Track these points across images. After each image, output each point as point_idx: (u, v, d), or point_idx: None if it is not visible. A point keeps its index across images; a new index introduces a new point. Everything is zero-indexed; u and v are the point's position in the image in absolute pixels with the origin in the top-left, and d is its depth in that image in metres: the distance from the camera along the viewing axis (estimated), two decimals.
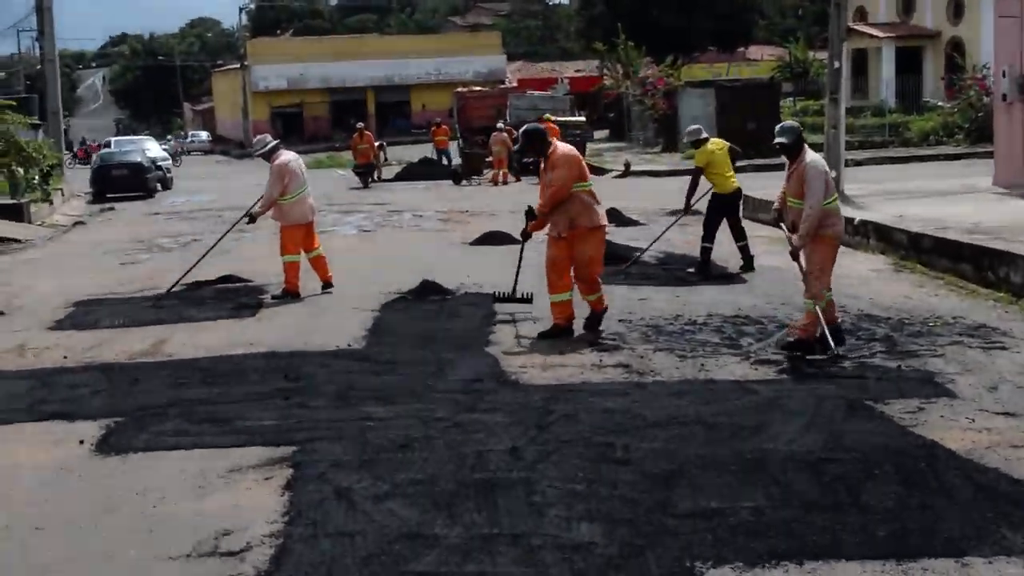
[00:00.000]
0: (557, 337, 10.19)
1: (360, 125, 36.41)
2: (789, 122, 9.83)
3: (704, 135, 14.38)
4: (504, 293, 11.54)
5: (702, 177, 14.18)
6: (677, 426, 7.29)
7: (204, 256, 14.41)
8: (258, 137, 14.08)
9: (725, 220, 14.18)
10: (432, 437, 7.20)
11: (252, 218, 13.50)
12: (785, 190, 9.65)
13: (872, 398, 7.89)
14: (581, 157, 10.54)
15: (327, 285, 13.46)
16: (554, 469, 6.49)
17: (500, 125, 33.93)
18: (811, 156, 9.41)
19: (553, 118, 34.28)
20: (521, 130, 10.86)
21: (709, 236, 13.99)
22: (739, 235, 14.26)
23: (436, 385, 8.62)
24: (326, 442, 7.18)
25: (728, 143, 14.55)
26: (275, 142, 13.63)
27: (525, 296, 11.34)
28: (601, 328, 10.46)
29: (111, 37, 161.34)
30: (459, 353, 9.71)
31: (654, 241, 15.20)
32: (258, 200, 13.48)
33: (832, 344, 9.07)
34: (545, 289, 10.59)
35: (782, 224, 9.88)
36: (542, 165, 10.40)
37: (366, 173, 34.33)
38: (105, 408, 8.32)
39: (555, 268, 10.35)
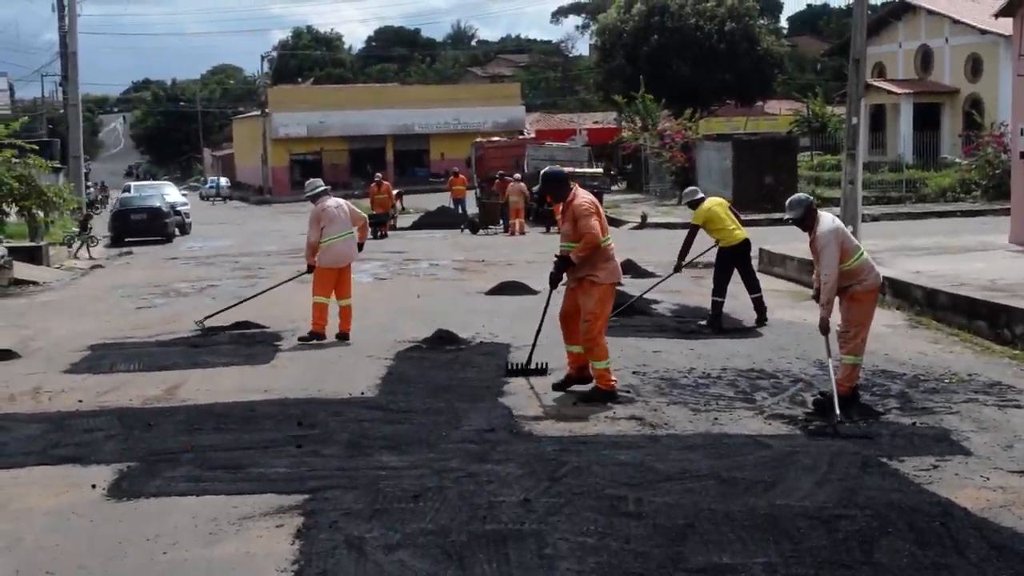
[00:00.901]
0: (570, 388, 10.16)
1: (379, 176, 36.72)
2: (797, 195, 9.67)
3: (700, 195, 14.52)
4: (519, 364, 11.11)
5: (706, 234, 14.26)
6: (690, 480, 7.27)
7: (252, 297, 14.69)
8: (310, 181, 14.42)
9: (738, 272, 14.19)
10: (445, 487, 7.19)
11: (309, 268, 13.83)
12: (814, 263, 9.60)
13: (886, 455, 7.86)
14: (600, 209, 10.18)
15: (343, 336, 13.51)
16: (566, 522, 6.47)
17: (516, 175, 34.09)
18: (822, 225, 9.24)
19: (566, 169, 34.49)
20: (541, 172, 10.61)
21: (720, 289, 13.98)
22: (753, 287, 14.26)
23: (449, 435, 8.61)
24: (338, 491, 7.18)
25: (728, 202, 14.69)
26: (321, 188, 14.01)
27: (540, 367, 10.92)
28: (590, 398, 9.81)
29: (133, 82, 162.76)
30: (473, 403, 9.71)
31: (645, 292, 15.28)
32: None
33: (838, 411, 8.84)
34: (561, 339, 10.58)
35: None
36: (559, 211, 10.21)
37: (380, 223, 33.84)
38: (118, 453, 8.33)
39: (565, 320, 10.24)
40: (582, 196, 10.05)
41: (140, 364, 12.18)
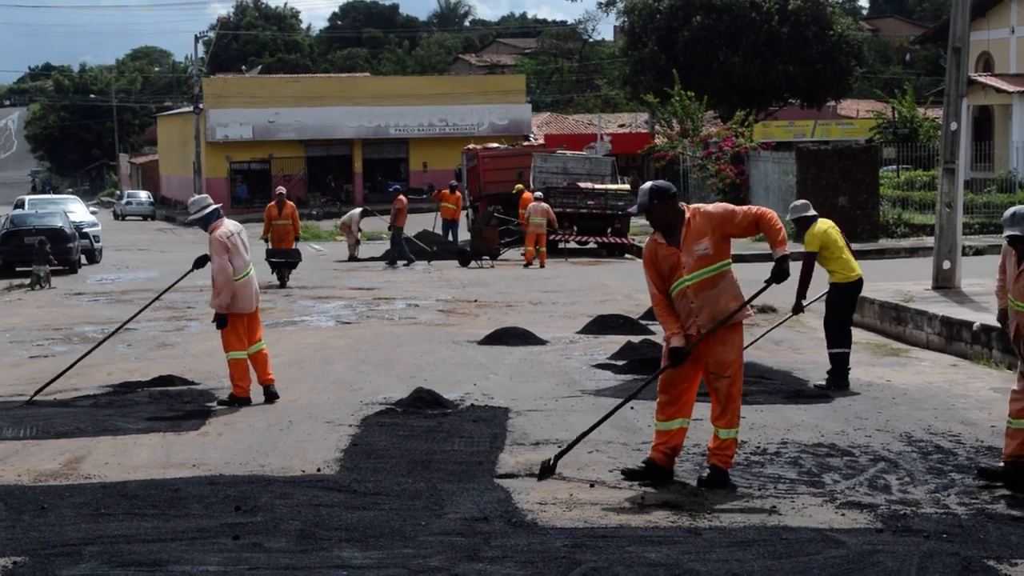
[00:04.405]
0: (648, 479, 9.77)
1: (281, 191, 30.29)
2: (1022, 207, 9.81)
3: (813, 212, 14.36)
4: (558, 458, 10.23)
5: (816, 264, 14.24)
6: None
7: (87, 354, 14.60)
8: (195, 198, 14.06)
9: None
10: None
11: (219, 320, 13.43)
12: (1008, 288, 9.71)
13: (994, 556, 7.82)
14: None
15: (270, 392, 13.43)
16: None
17: (537, 194, 34.10)
18: None
19: (583, 185, 34.91)
20: (646, 186, 9.98)
21: (844, 338, 14.13)
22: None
23: (430, 524, 8.58)
24: None
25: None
26: (214, 207, 13.72)
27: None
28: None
29: (30, 69, 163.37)
30: (460, 484, 9.68)
31: (752, 343, 15.02)
32: (214, 292, 13.53)
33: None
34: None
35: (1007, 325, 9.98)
36: (656, 239, 9.85)
37: (287, 264, 29.02)
38: (2, 544, 8.28)
39: (671, 386, 9.94)
40: (708, 207, 9.93)
41: (33, 429, 12.15)
